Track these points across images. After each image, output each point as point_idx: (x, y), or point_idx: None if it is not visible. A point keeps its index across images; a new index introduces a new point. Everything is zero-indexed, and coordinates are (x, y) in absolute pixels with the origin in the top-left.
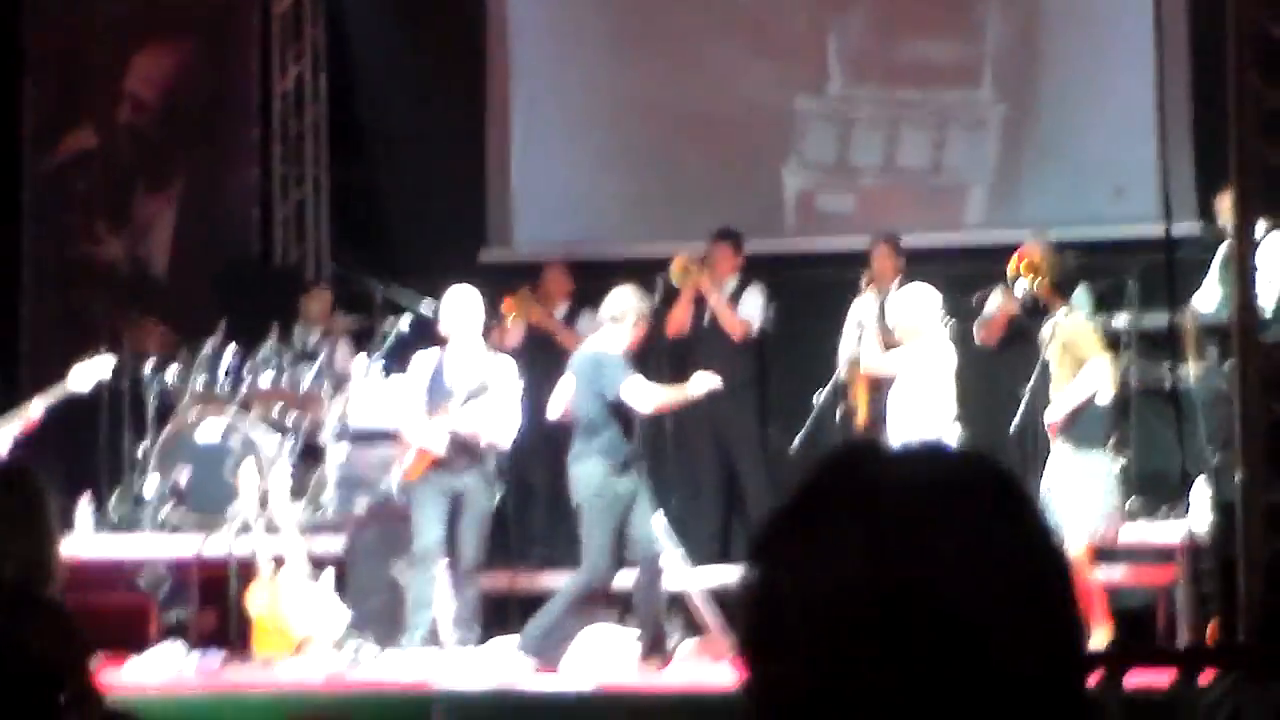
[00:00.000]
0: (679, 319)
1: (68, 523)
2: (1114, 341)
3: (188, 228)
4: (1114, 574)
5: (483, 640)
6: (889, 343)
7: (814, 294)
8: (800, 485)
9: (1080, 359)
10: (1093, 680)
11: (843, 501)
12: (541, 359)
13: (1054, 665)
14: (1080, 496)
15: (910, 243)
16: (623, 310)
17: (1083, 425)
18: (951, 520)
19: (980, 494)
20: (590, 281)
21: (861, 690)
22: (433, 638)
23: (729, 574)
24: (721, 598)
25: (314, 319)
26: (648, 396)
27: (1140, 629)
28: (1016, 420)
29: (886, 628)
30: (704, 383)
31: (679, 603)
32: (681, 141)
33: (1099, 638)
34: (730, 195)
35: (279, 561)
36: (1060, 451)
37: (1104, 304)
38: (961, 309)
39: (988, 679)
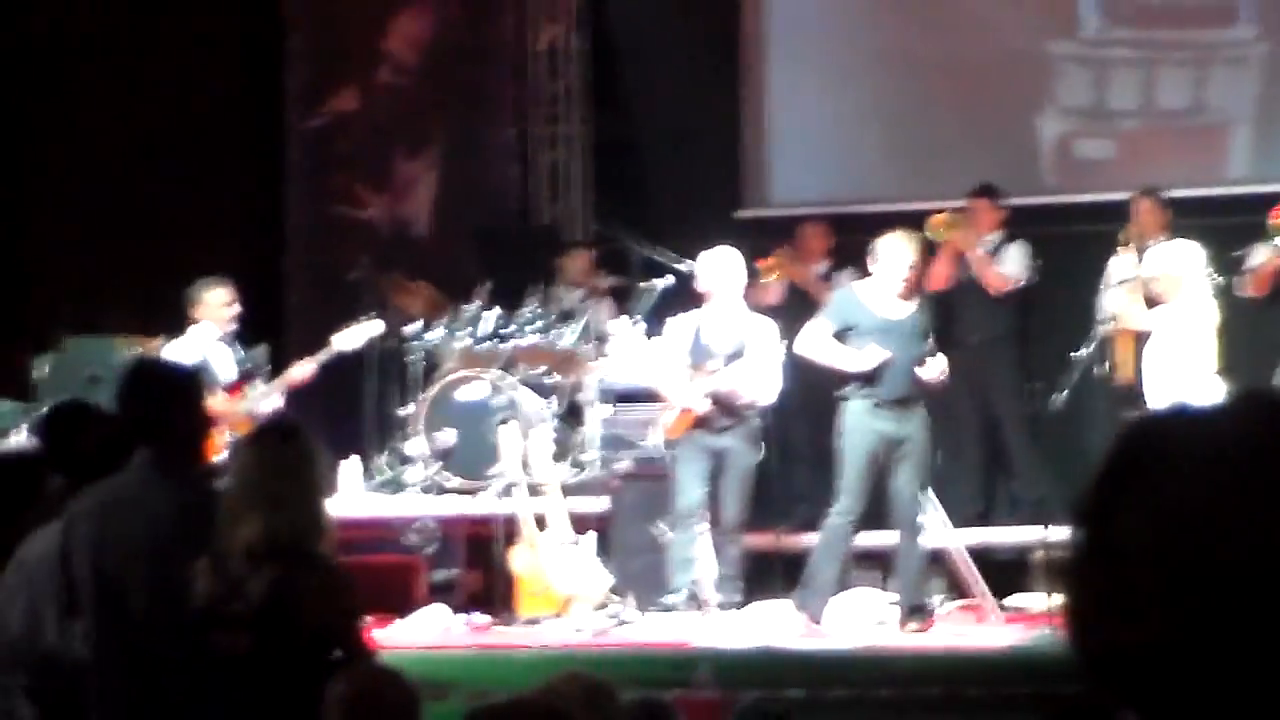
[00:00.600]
0: (940, 275)
1: (335, 484)
2: None
3: (448, 188)
4: None
5: (746, 600)
6: (1150, 298)
7: (1074, 247)
8: (1127, 446)
9: None
10: None
11: (1176, 463)
12: (803, 317)
13: None
14: None
15: (1172, 194)
16: (890, 257)
17: None
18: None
19: None
20: (848, 237)
21: (1206, 651)
22: (695, 598)
23: (991, 534)
24: (983, 558)
25: (574, 278)
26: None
27: None
28: None
29: (1237, 595)
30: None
31: (941, 563)
32: (936, 93)
33: None
34: (986, 146)
35: (542, 522)
36: None
37: None
38: (1225, 262)
39: None
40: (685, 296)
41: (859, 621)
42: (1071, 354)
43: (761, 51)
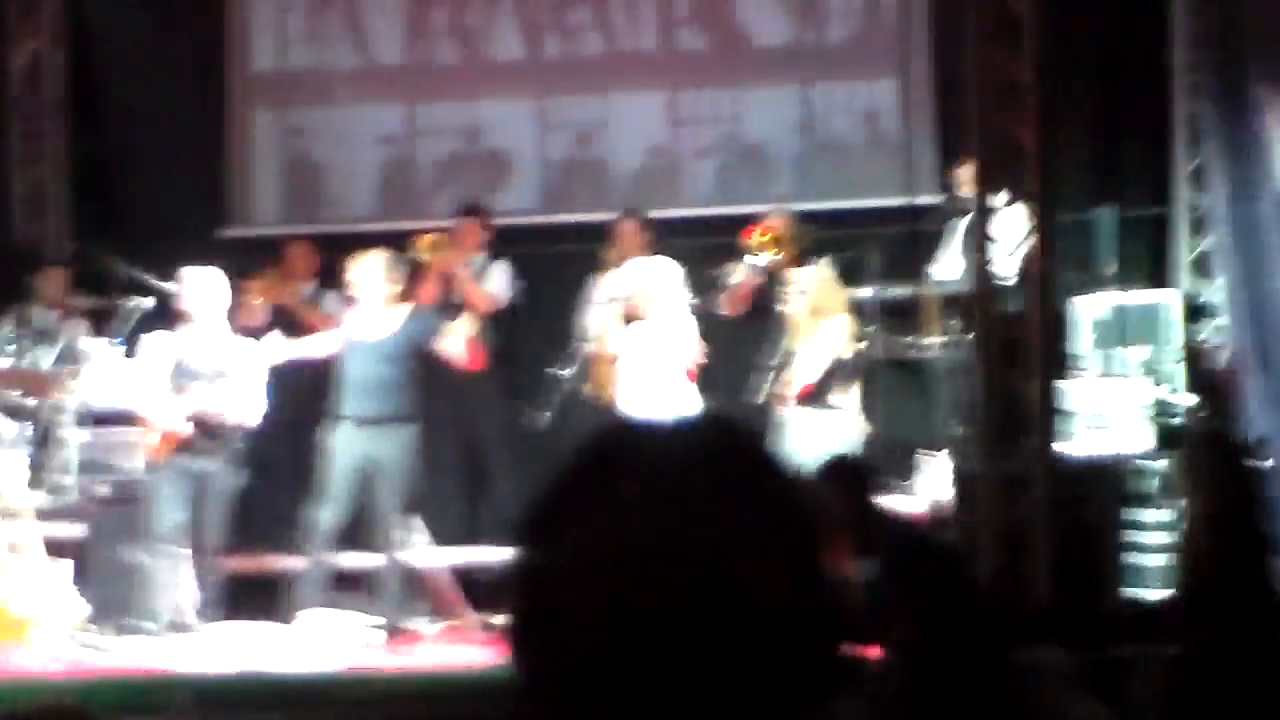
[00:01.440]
0: (427, 294)
1: None
2: (857, 312)
3: None
4: None
5: (224, 623)
6: (631, 317)
7: (559, 267)
8: (569, 465)
9: (824, 318)
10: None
11: (614, 478)
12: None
13: (811, 623)
14: (816, 456)
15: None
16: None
17: (823, 385)
18: (717, 488)
19: (739, 459)
20: (336, 258)
21: (636, 665)
22: (175, 623)
23: (475, 554)
24: (467, 578)
25: (50, 298)
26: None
27: None
28: (761, 390)
29: (661, 600)
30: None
31: (423, 584)
32: (426, 116)
33: None
34: (475, 168)
35: (14, 548)
36: (801, 414)
37: (846, 276)
38: (701, 280)
39: (757, 646)
40: (167, 317)
41: (342, 643)
42: (554, 372)
43: (245, 68)
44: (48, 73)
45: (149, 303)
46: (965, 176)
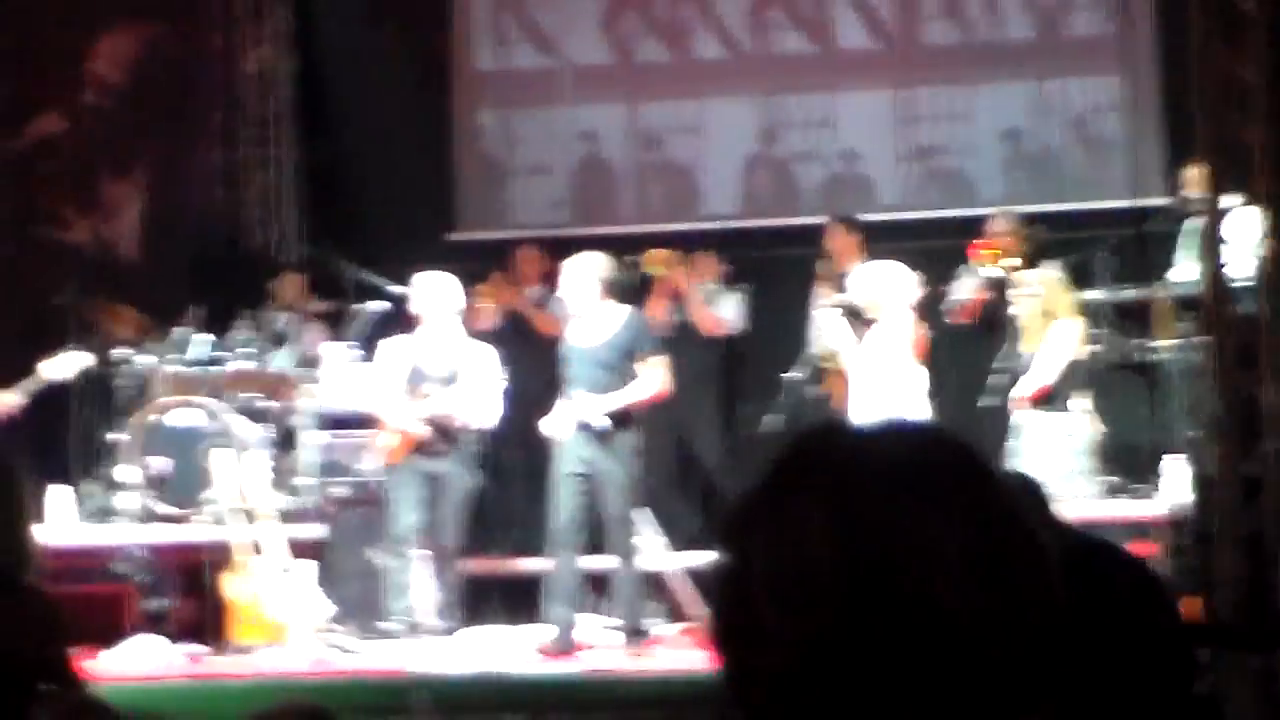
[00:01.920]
0: (655, 309)
1: (40, 512)
2: (1087, 315)
3: (156, 211)
4: None
5: (464, 625)
6: (861, 320)
7: (781, 270)
8: (767, 467)
9: (1055, 321)
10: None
11: (809, 482)
12: (519, 342)
13: (1021, 645)
14: (1052, 459)
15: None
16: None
17: (1058, 388)
18: (916, 500)
19: (944, 471)
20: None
21: (831, 674)
22: (413, 624)
23: (710, 557)
24: (701, 581)
25: (286, 302)
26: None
27: None
28: (988, 398)
29: (853, 610)
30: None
31: (660, 587)
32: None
33: None
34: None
35: (257, 549)
36: (1035, 417)
37: (1075, 278)
38: (931, 286)
39: (955, 660)
40: (399, 320)
41: (578, 645)
42: (787, 376)
43: (474, 72)
44: (277, 80)
45: (382, 306)
46: (1193, 178)
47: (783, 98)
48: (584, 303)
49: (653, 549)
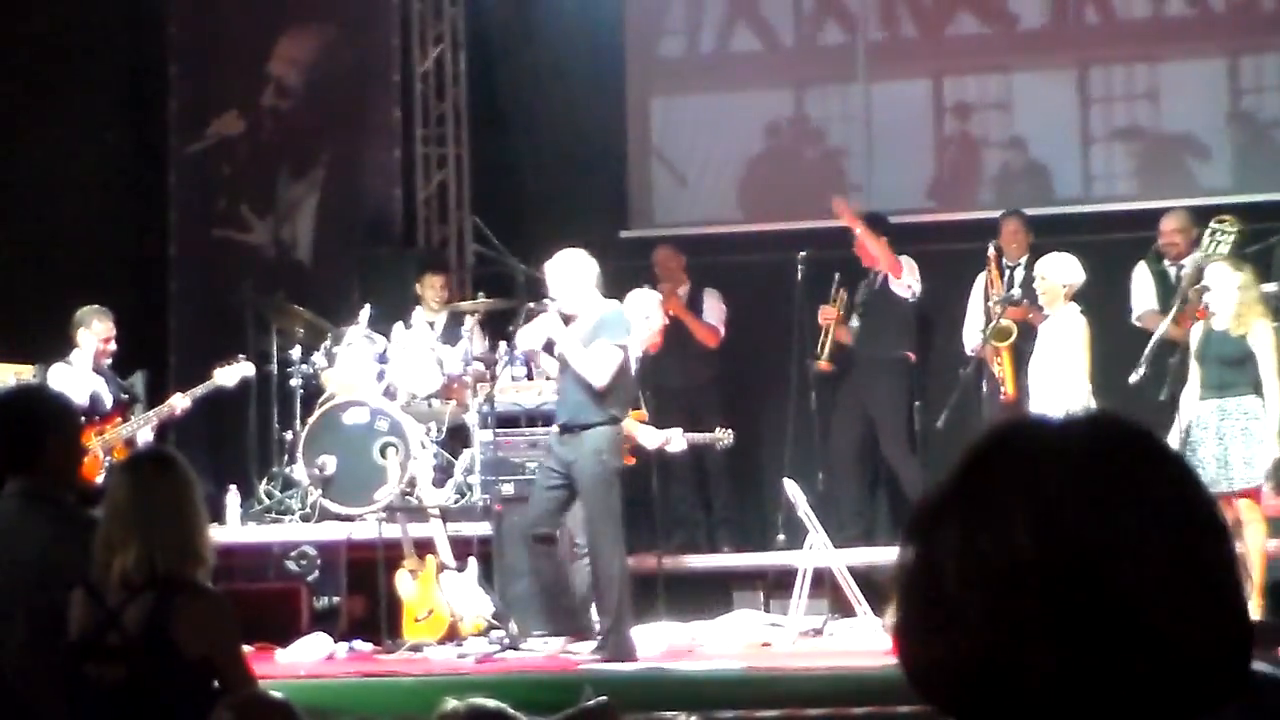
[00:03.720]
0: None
1: (216, 512)
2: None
3: (331, 210)
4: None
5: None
6: (1024, 314)
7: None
8: (958, 463)
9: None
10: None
11: (1007, 474)
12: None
13: (1215, 638)
14: (1249, 447)
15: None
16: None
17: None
18: (1112, 490)
19: (1135, 460)
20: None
21: (1025, 665)
22: (583, 621)
23: (874, 554)
24: (865, 577)
25: (453, 301)
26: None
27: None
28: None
29: (1049, 601)
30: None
31: (825, 582)
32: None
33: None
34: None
35: (427, 546)
36: (1217, 406)
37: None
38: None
39: (1150, 652)
40: (568, 320)
41: (742, 641)
42: (960, 371)
43: (651, 61)
44: (450, 77)
45: (549, 304)
46: None
47: (959, 79)
48: (572, 301)
49: (818, 545)
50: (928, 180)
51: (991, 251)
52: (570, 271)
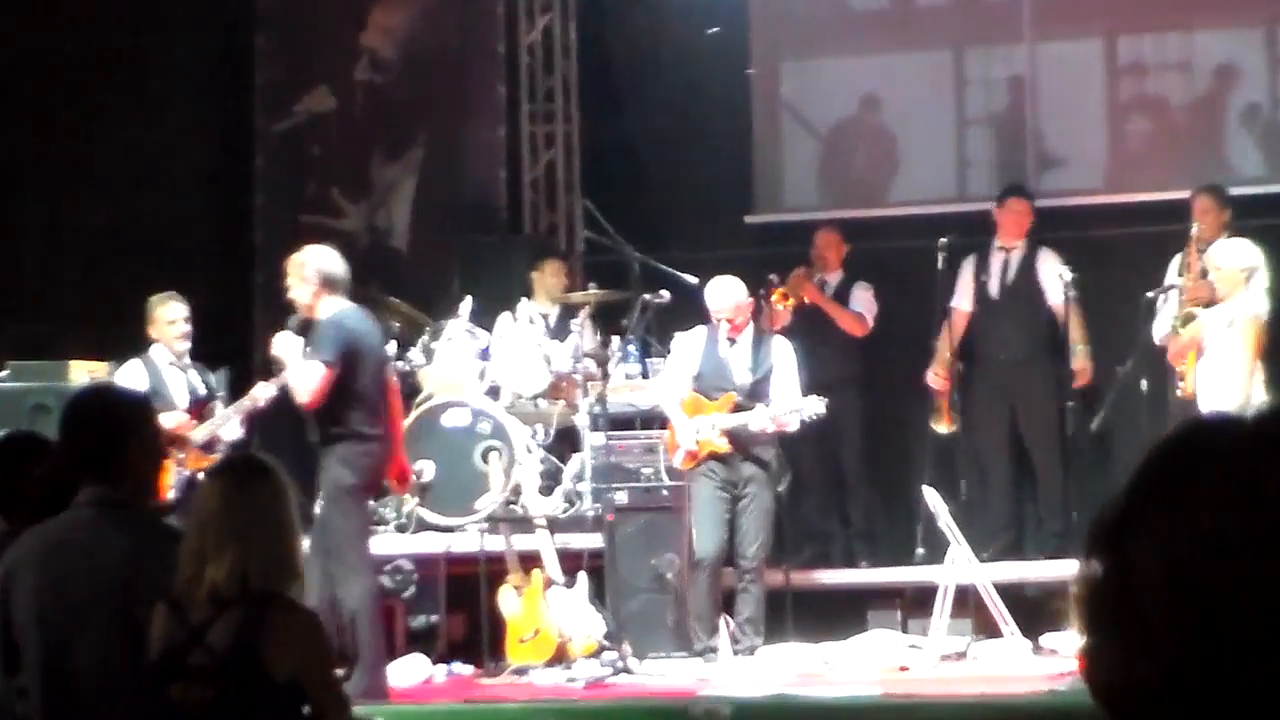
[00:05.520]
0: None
1: (306, 522)
2: None
3: (430, 194)
4: None
5: (762, 643)
6: (1205, 303)
7: (1111, 253)
8: (1148, 466)
9: None
10: None
11: (1206, 478)
12: (812, 336)
13: None
14: None
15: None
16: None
17: None
18: None
19: None
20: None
21: (1242, 681)
22: (704, 643)
23: (1022, 568)
24: (1012, 594)
25: (562, 293)
26: None
27: None
28: None
29: (1268, 609)
30: None
31: (969, 600)
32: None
33: None
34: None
35: (533, 559)
36: None
37: None
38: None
39: None
40: (689, 312)
41: (876, 664)
42: (1117, 369)
43: (774, 35)
44: (559, 48)
45: (666, 297)
46: None
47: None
48: (304, 304)
49: (962, 560)
50: (1099, 157)
51: (1195, 230)
52: (300, 271)
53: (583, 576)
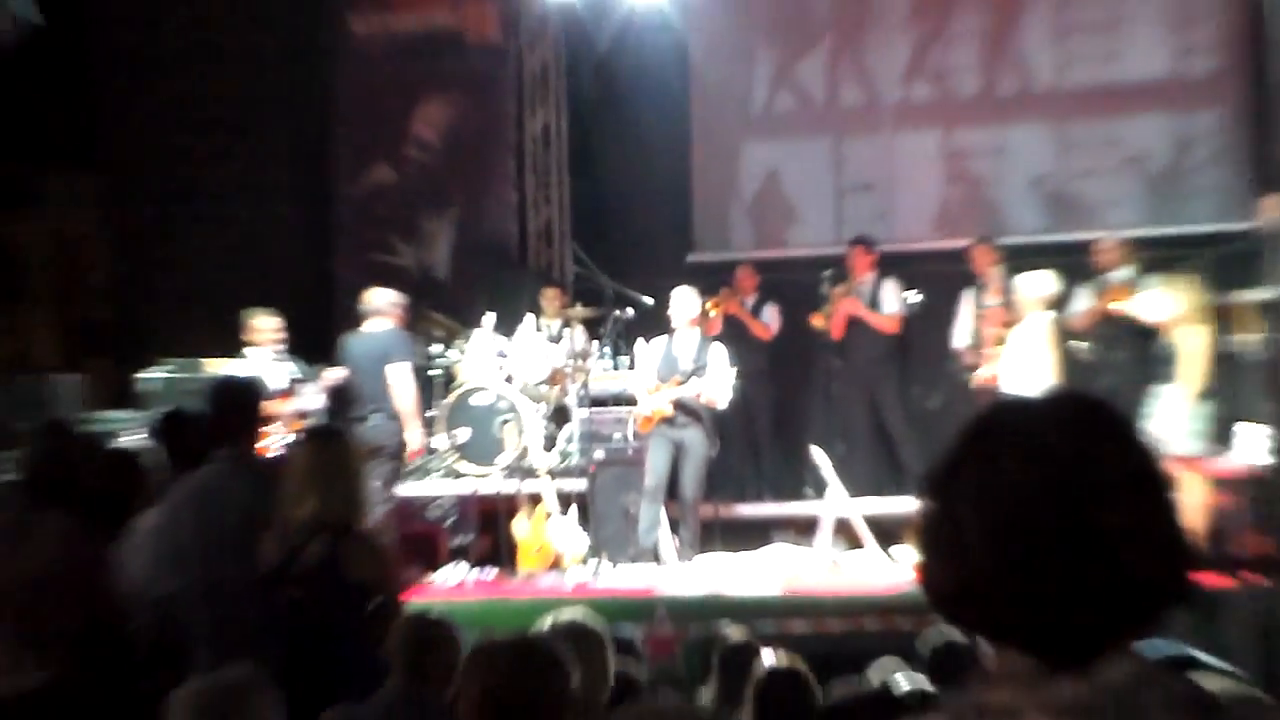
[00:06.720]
0: (838, 323)
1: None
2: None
3: (462, 240)
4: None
5: (697, 556)
6: (1007, 321)
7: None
8: (965, 432)
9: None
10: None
11: (1008, 439)
12: (735, 340)
13: (1169, 563)
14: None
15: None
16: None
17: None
18: (1092, 445)
19: (1104, 424)
20: (775, 276)
21: (1020, 580)
22: (657, 556)
23: (881, 503)
24: (874, 522)
25: (559, 310)
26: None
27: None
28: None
29: (1047, 538)
30: None
31: (844, 526)
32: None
33: None
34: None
35: (536, 498)
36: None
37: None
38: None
39: (1118, 575)
40: (646, 323)
41: (779, 571)
42: (947, 363)
43: (708, 130)
44: (555, 137)
45: (631, 313)
46: (1269, 205)
47: (963, 131)
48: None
49: (838, 494)
50: (935, 213)
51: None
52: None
53: (573, 509)
